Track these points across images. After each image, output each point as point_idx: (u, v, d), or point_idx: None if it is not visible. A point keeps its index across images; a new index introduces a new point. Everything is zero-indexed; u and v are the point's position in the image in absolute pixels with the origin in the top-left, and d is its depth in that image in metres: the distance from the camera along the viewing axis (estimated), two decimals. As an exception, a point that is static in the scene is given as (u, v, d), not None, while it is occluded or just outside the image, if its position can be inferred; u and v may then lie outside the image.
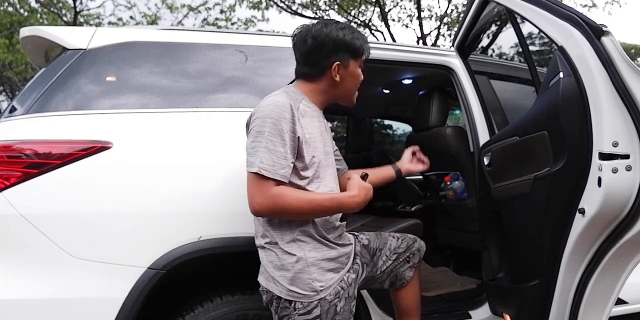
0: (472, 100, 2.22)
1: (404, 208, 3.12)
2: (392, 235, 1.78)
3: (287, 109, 1.33)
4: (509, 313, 1.83)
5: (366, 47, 1.49)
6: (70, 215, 1.48)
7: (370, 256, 1.67)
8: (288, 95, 1.39)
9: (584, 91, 1.42)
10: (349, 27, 1.48)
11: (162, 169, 1.59)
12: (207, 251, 1.57)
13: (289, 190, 1.33)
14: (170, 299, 1.71)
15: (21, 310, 1.42)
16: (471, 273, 2.54)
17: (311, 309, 1.35)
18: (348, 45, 1.44)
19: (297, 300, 1.35)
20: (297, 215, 1.36)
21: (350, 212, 1.43)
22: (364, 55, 1.49)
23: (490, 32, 2.45)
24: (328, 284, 1.39)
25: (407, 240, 1.77)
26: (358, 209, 1.39)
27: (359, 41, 1.46)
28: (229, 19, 12.43)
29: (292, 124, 1.33)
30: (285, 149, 1.31)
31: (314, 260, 1.38)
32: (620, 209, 1.38)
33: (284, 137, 1.31)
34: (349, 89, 1.53)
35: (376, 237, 1.72)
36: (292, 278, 1.36)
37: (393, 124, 4.92)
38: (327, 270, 1.40)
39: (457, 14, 10.76)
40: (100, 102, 1.67)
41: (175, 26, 3.39)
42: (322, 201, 1.35)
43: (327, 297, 1.38)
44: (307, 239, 1.39)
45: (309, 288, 1.36)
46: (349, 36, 1.44)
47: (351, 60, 1.47)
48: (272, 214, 1.35)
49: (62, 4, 12.07)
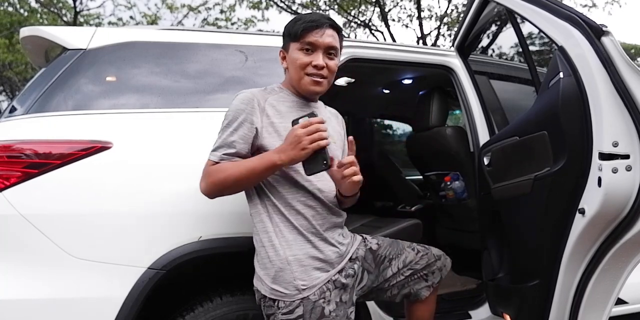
0: (472, 100, 2.22)
1: (404, 208, 3.12)
2: (413, 248, 1.64)
3: (246, 101, 1.36)
4: (509, 313, 1.83)
5: (302, 26, 1.38)
6: (70, 215, 1.48)
7: (375, 264, 1.56)
8: (262, 90, 1.43)
9: (584, 91, 1.42)
10: (304, 15, 1.44)
11: (162, 168, 1.59)
12: (207, 251, 1.57)
13: (224, 164, 1.32)
14: (170, 299, 1.71)
15: (21, 310, 1.42)
16: (471, 273, 2.54)
17: (293, 309, 1.32)
18: (287, 30, 1.43)
19: (280, 299, 1.33)
20: (234, 182, 1.31)
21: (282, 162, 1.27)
22: (302, 37, 1.39)
23: (490, 32, 2.45)
24: (312, 283, 1.34)
25: (429, 257, 1.63)
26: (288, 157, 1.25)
27: (296, 23, 1.41)
28: (229, 19, 12.43)
29: (249, 115, 1.35)
30: (232, 136, 1.34)
31: (294, 259, 1.35)
32: (620, 209, 1.38)
33: (237, 127, 1.34)
34: (292, 76, 1.44)
35: (389, 245, 1.61)
36: (274, 276, 1.34)
37: (393, 124, 4.92)
38: (312, 269, 1.36)
39: (457, 14, 10.76)
40: (100, 102, 1.67)
41: (175, 26, 3.39)
42: (249, 162, 1.30)
43: (311, 297, 1.33)
44: (290, 236, 1.36)
45: (291, 286, 1.33)
46: (292, 21, 1.43)
47: (291, 44, 1.42)
48: (212, 188, 1.33)
49: (62, 4, 12.07)
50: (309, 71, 1.40)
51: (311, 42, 1.39)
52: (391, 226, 2.47)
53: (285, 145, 1.26)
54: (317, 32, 1.39)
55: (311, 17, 1.40)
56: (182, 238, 1.55)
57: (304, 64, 1.40)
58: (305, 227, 1.37)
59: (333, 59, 1.44)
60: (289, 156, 1.25)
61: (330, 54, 1.42)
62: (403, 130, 4.70)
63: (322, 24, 1.39)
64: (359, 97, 3.46)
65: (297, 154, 1.24)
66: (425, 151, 2.80)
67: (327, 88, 1.46)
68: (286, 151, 1.25)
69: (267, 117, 1.38)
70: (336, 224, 1.46)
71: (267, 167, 1.28)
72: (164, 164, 1.60)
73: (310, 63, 1.39)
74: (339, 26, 1.45)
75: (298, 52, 1.40)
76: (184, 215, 1.57)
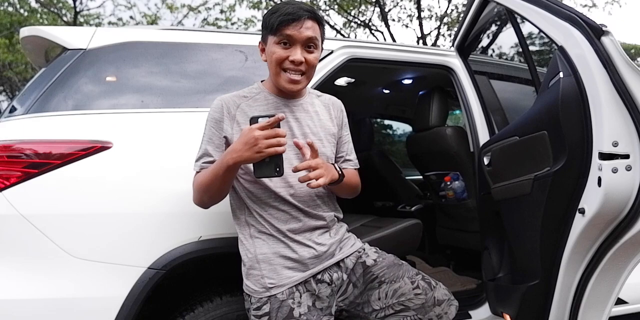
0: (472, 100, 2.22)
1: (404, 208, 3.12)
2: (413, 280, 1.44)
3: (217, 110, 1.38)
4: (509, 313, 1.83)
5: (278, 19, 1.30)
6: (70, 215, 1.48)
7: (364, 280, 1.44)
8: (236, 94, 1.42)
9: (584, 91, 1.42)
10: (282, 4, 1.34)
11: (162, 168, 1.59)
12: (207, 251, 1.57)
13: (200, 173, 1.36)
14: (170, 299, 1.71)
15: (21, 310, 1.42)
16: (471, 273, 2.54)
17: (261, 306, 1.34)
18: (264, 21, 1.37)
19: (251, 294, 1.37)
20: (206, 189, 1.32)
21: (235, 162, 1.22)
22: (279, 30, 1.31)
23: (490, 32, 2.45)
24: (281, 282, 1.34)
25: (427, 299, 1.42)
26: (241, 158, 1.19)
27: (273, 15, 1.32)
28: (229, 19, 12.44)
29: (219, 123, 1.37)
30: (209, 145, 1.37)
31: (263, 257, 1.36)
32: (620, 209, 1.38)
33: (211, 136, 1.38)
34: (270, 70, 1.38)
35: (388, 266, 1.45)
36: (246, 273, 1.39)
37: (393, 124, 4.92)
38: (282, 268, 1.36)
39: (457, 14, 10.77)
40: (100, 102, 1.67)
41: (175, 26, 3.39)
42: (211, 168, 1.30)
43: (279, 296, 1.33)
44: (262, 235, 1.38)
45: (259, 284, 1.36)
46: (268, 13, 1.35)
47: (268, 37, 1.35)
48: (198, 198, 1.38)
49: (62, 4, 12.08)
50: (287, 66, 1.34)
51: (289, 35, 1.31)
52: (391, 226, 2.47)
53: (240, 145, 1.19)
54: (295, 25, 1.31)
55: (288, 9, 1.31)
56: (182, 238, 1.55)
57: (280, 59, 1.33)
58: (277, 229, 1.38)
59: (313, 52, 1.36)
60: (242, 157, 1.19)
61: (309, 47, 1.35)
62: (403, 130, 4.70)
63: (300, 16, 1.31)
64: (359, 97, 3.46)
65: (251, 157, 1.19)
66: (425, 151, 2.80)
67: (306, 84, 1.41)
68: (239, 151, 1.19)
69: (238, 124, 1.37)
70: (315, 226, 1.41)
71: (224, 168, 1.24)
72: (164, 164, 1.60)
73: (288, 57, 1.33)
74: (318, 16, 1.37)
75: (275, 46, 1.33)
76: (184, 215, 1.57)
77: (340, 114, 1.58)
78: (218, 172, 1.26)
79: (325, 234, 1.43)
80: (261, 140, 1.17)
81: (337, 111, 1.57)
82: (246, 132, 1.19)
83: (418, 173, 3.27)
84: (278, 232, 1.38)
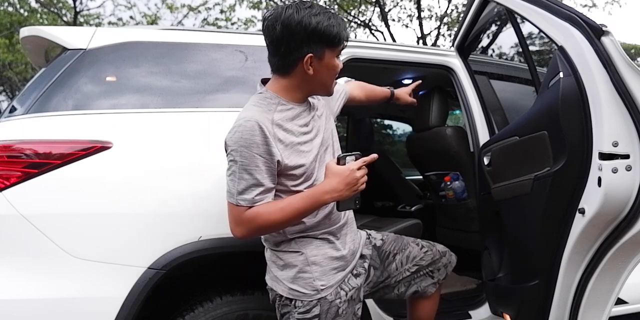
0: (472, 100, 2.22)
1: (404, 208, 3.12)
2: (417, 243, 1.64)
3: (257, 132, 1.24)
4: (509, 313, 1.83)
5: (344, 35, 1.30)
6: (71, 215, 1.48)
7: (380, 259, 1.57)
8: (259, 109, 1.31)
9: (584, 91, 1.42)
10: (325, 11, 1.28)
11: (162, 168, 1.59)
12: (207, 251, 1.57)
13: (262, 208, 1.26)
14: (170, 299, 1.71)
15: (21, 310, 1.42)
16: (471, 273, 2.54)
17: (311, 308, 1.35)
18: (322, 34, 1.26)
19: (297, 298, 1.35)
20: (280, 226, 1.31)
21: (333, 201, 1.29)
22: (341, 44, 1.32)
23: (490, 32, 2.45)
24: (330, 284, 1.37)
25: (434, 253, 1.63)
26: (341, 197, 1.25)
27: (335, 28, 1.27)
28: (229, 19, 12.43)
29: (266, 146, 1.25)
30: (258, 174, 1.26)
31: (315, 259, 1.37)
32: (620, 209, 1.38)
33: (257, 163, 1.25)
34: (325, 82, 1.37)
35: (394, 240, 1.62)
36: (293, 277, 1.36)
37: (393, 124, 4.92)
38: (329, 269, 1.38)
39: (457, 14, 10.77)
40: (101, 102, 1.67)
41: (175, 26, 3.39)
42: (295, 204, 1.26)
43: (328, 297, 1.36)
44: (307, 239, 1.38)
45: (309, 287, 1.35)
46: (324, 23, 1.26)
47: (327, 51, 1.30)
48: (255, 234, 1.32)
49: (62, 4, 12.07)
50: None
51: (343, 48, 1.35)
52: (391, 226, 2.47)
53: (342, 186, 1.24)
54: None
55: (342, 24, 1.32)
56: (182, 238, 1.55)
57: (338, 71, 1.37)
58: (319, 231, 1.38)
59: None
60: (342, 196, 1.25)
61: None
62: (403, 130, 4.70)
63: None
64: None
65: (350, 195, 1.26)
66: (425, 151, 2.80)
67: None
68: (340, 191, 1.24)
69: (280, 141, 1.30)
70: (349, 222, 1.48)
71: (317, 206, 1.28)
72: (164, 164, 1.60)
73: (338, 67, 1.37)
74: None
75: (335, 59, 1.34)
76: (184, 215, 1.57)
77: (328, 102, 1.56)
78: (306, 210, 1.27)
79: (351, 231, 1.50)
80: (361, 179, 1.25)
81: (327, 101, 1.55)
82: (347, 172, 1.24)
83: (418, 173, 3.27)
84: (323, 234, 1.39)
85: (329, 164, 1.28)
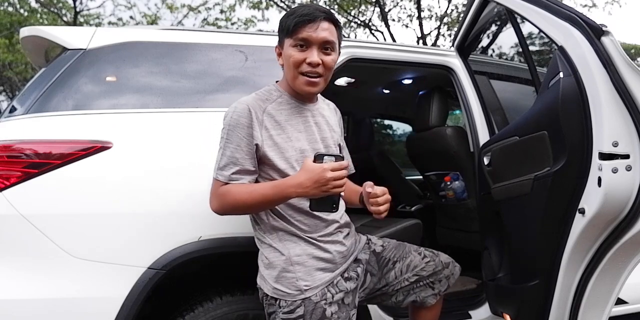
0: (472, 100, 2.22)
1: (404, 208, 3.12)
2: (419, 252, 1.60)
3: (244, 115, 1.31)
4: (509, 313, 1.83)
5: (294, 20, 1.30)
6: (71, 215, 1.48)
7: (379, 266, 1.55)
8: (257, 97, 1.36)
9: (584, 91, 1.42)
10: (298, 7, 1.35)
11: (162, 168, 1.59)
12: (207, 251, 1.57)
13: (234, 187, 1.30)
14: (170, 299, 1.71)
15: (21, 310, 1.42)
16: (471, 273, 2.54)
17: (294, 308, 1.32)
18: (280, 24, 1.36)
19: (281, 298, 1.33)
20: (246, 208, 1.33)
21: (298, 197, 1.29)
22: (295, 32, 1.31)
23: (490, 32, 2.45)
24: (315, 284, 1.34)
25: (436, 264, 1.59)
26: (306, 194, 1.25)
27: (289, 17, 1.32)
28: (229, 19, 12.43)
29: (249, 129, 1.31)
30: (238, 153, 1.31)
31: (298, 259, 1.35)
32: (620, 209, 1.38)
33: (239, 143, 1.31)
34: (286, 74, 1.38)
35: (395, 247, 1.59)
36: (277, 276, 1.35)
37: (393, 124, 4.92)
38: (315, 269, 1.36)
39: (457, 14, 10.77)
40: (101, 102, 1.67)
41: (175, 26, 3.39)
42: (261, 190, 1.28)
43: (313, 298, 1.33)
44: (292, 237, 1.36)
45: (293, 287, 1.33)
46: (285, 15, 1.35)
47: (285, 40, 1.35)
48: (224, 210, 1.34)
49: (62, 4, 12.07)
50: (304, 69, 1.33)
51: (304, 37, 1.31)
52: (391, 226, 2.47)
53: (308, 182, 1.23)
54: (310, 26, 1.30)
55: (304, 10, 1.31)
56: (182, 238, 1.55)
57: (298, 62, 1.32)
58: (306, 229, 1.38)
59: (330, 54, 1.35)
60: (308, 194, 1.25)
61: (326, 49, 1.34)
62: (403, 130, 4.70)
63: (316, 17, 1.30)
64: (359, 97, 3.46)
65: (317, 194, 1.24)
66: (425, 151, 2.80)
67: (323, 86, 1.40)
68: (307, 188, 1.23)
69: (266, 130, 1.33)
70: (340, 226, 1.45)
71: (281, 197, 1.28)
72: (164, 164, 1.60)
73: (305, 60, 1.32)
74: (335, 18, 1.37)
75: (292, 49, 1.33)
76: (184, 215, 1.57)
77: (340, 119, 1.62)
78: (272, 199, 1.28)
79: (347, 234, 1.48)
80: (332, 181, 1.22)
81: (339, 117, 1.61)
82: (318, 170, 1.22)
83: (418, 173, 3.27)
84: (308, 232, 1.38)
85: (304, 160, 1.28)
